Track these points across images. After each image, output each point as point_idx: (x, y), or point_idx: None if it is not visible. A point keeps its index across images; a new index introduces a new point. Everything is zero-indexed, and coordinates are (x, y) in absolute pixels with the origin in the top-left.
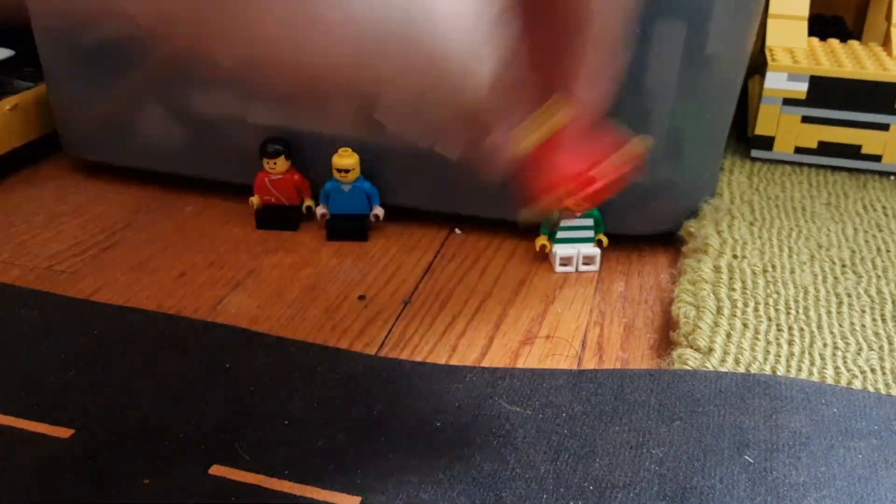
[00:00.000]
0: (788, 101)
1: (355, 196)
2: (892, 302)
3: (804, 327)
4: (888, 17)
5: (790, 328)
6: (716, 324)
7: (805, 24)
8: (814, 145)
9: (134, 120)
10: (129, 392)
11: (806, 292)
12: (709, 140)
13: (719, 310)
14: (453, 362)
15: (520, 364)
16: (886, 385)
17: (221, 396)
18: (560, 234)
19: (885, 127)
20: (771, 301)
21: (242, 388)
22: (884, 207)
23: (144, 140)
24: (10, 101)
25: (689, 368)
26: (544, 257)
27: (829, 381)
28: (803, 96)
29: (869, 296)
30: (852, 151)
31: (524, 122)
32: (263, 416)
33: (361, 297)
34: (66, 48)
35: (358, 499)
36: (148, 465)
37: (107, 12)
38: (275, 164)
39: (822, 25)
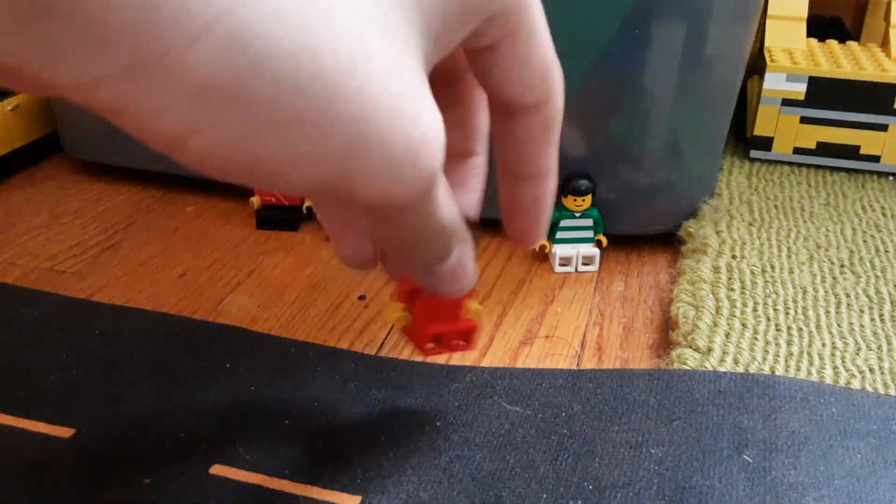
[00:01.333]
0: (787, 102)
1: None
2: (891, 302)
3: (803, 327)
4: (886, 18)
5: (789, 328)
6: (715, 324)
7: (804, 25)
8: (812, 146)
9: None
10: (129, 392)
11: (805, 292)
12: (708, 140)
13: (718, 310)
14: (453, 362)
15: (519, 364)
16: (885, 385)
17: (221, 396)
18: (559, 235)
19: (883, 128)
20: (770, 301)
21: (242, 388)
22: (882, 208)
23: None
24: (11, 102)
25: (688, 368)
26: (543, 257)
27: (828, 380)
28: (802, 97)
29: (867, 296)
30: (851, 152)
31: None
32: (263, 416)
33: (361, 297)
34: None
35: (358, 498)
36: (148, 465)
37: None
38: None
39: (821, 26)
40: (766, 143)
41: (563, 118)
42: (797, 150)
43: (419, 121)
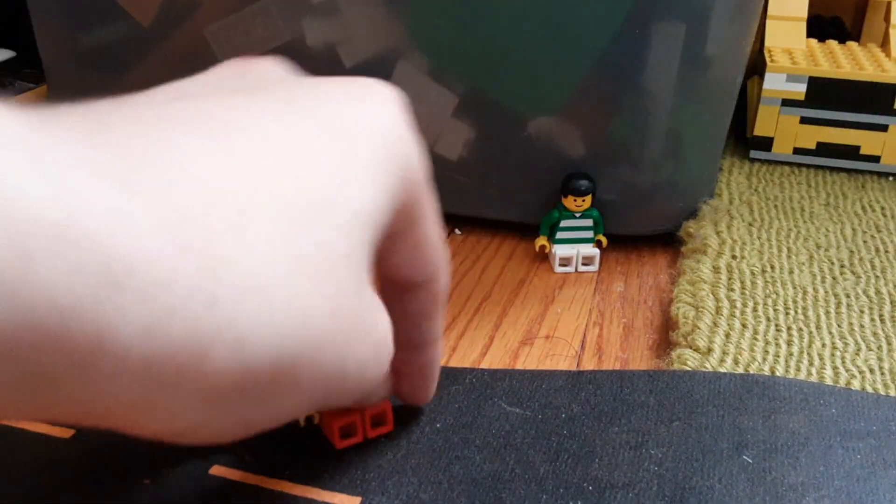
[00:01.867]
0: (787, 102)
1: None
2: (891, 302)
3: (803, 327)
4: (887, 19)
5: (789, 328)
6: (715, 324)
7: (804, 26)
8: (812, 146)
9: None
10: None
11: (804, 293)
12: (708, 141)
13: (718, 310)
14: (453, 362)
15: (519, 364)
16: (885, 385)
17: None
18: (559, 235)
19: (883, 128)
20: (770, 301)
21: None
22: (882, 208)
23: None
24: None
25: (688, 369)
26: (544, 257)
27: (828, 381)
28: (802, 97)
29: (867, 296)
30: (851, 152)
31: None
32: None
33: None
34: (68, 50)
35: (358, 499)
36: (148, 465)
37: None
38: None
39: (821, 26)
40: (766, 144)
41: (561, 120)
42: (797, 151)
43: (377, 326)
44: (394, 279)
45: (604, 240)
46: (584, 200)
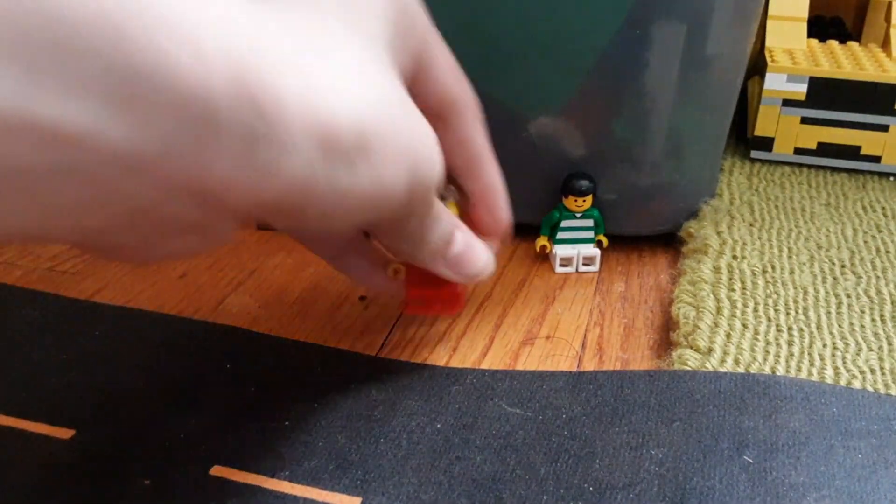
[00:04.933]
0: (788, 103)
1: None
2: (892, 302)
3: (804, 328)
4: (887, 19)
5: (790, 328)
6: (715, 324)
7: (804, 26)
8: (813, 146)
9: None
10: (130, 392)
11: (805, 293)
12: (709, 141)
13: (719, 310)
14: (454, 362)
15: (520, 364)
16: (886, 385)
17: (222, 396)
18: (560, 235)
19: (884, 128)
20: (770, 301)
21: (242, 388)
22: (883, 208)
23: None
24: None
25: (688, 369)
26: (544, 258)
27: (829, 381)
28: (803, 97)
29: (868, 296)
30: (851, 152)
31: None
32: (263, 416)
33: (362, 298)
34: None
35: (358, 499)
36: (148, 466)
37: None
38: None
39: (822, 27)
40: (766, 144)
41: (562, 121)
42: (798, 151)
43: (429, 129)
44: (433, 111)
45: (604, 240)
46: (584, 200)
